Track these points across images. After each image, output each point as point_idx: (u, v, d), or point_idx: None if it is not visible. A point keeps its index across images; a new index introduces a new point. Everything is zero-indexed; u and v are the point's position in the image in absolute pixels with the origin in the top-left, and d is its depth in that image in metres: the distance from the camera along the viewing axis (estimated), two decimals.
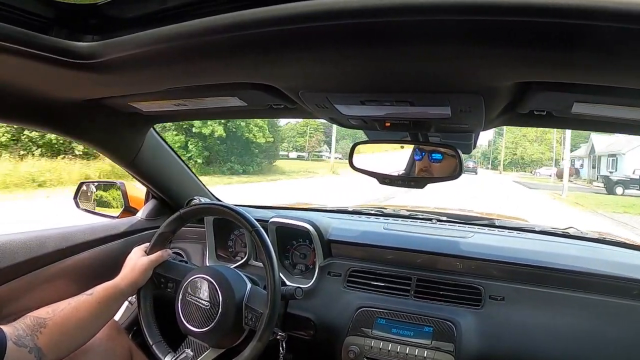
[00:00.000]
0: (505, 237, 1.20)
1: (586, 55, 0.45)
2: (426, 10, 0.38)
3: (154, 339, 1.00)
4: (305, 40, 0.47)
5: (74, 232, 1.14)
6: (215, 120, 14.53)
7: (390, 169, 0.94)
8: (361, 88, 0.67)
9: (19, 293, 0.98)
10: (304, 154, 31.95)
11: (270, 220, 1.23)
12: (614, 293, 0.95)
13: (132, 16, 0.52)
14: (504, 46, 0.44)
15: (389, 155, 0.96)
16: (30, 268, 1.00)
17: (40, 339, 0.78)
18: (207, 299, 0.95)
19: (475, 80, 0.58)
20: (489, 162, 49.79)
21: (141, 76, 0.69)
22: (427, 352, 0.97)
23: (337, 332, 1.07)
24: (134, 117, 1.03)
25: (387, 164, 0.95)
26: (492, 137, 49.07)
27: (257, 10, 0.43)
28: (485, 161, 50.82)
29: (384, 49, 0.49)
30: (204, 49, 0.52)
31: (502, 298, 1.02)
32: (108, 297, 0.91)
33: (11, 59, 0.57)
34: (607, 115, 0.70)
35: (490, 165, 49.04)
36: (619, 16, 0.35)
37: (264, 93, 0.73)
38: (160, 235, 1.05)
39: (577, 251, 1.09)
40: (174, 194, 1.36)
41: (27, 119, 0.90)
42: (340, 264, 1.17)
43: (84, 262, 1.14)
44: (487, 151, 51.41)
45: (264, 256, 0.94)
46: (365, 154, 0.96)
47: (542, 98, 0.65)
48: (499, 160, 43.11)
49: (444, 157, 0.91)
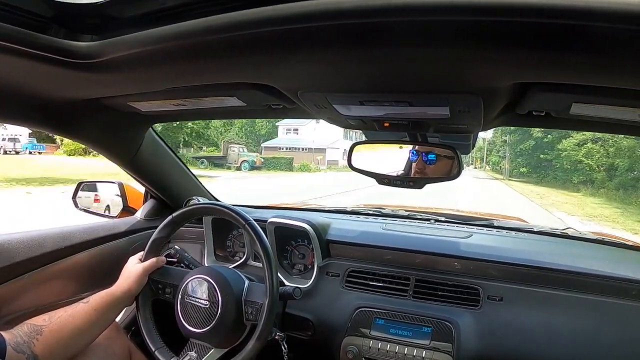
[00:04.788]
0: (503, 238, 1.20)
1: (585, 56, 0.45)
2: (425, 11, 0.38)
3: (156, 345, 0.99)
4: (304, 40, 0.47)
5: (73, 232, 1.14)
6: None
7: (389, 169, 0.94)
8: (360, 88, 0.67)
9: (19, 292, 0.98)
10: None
11: (268, 220, 1.23)
12: (612, 293, 0.95)
13: (131, 16, 0.52)
14: (503, 47, 0.44)
15: (388, 156, 0.96)
16: (30, 267, 1.00)
17: (37, 346, 0.78)
18: (207, 298, 0.95)
19: (474, 81, 0.58)
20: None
21: (140, 76, 0.69)
22: (426, 352, 0.97)
23: (335, 333, 1.07)
24: (132, 117, 1.03)
25: (386, 164, 0.95)
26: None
27: (256, 10, 0.43)
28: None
29: (383, 50, 0.49)
30: (202, 48, 0.52)
31: (501, 298, 1.02)
32: (104, 305, 0.91)
33: (10, 59, 0.57)
34: (605, 116, 0.70)
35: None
36: (617, 17, 0.35)
37: (263, 93, 0.73)
38: (153, 241, 1.05)
39: (575, 251, 1.10)
40: (173, 194, 1.36)
41: (27, 118, 0.90)
42: (338, 264, 1.17)
43: (82, 262, 1.14)
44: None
45: (259, 249, 0.94)
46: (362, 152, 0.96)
47: (541, 99, 0.65)
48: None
49: (438, 158, 0.91)
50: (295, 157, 28.52)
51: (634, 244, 1.19)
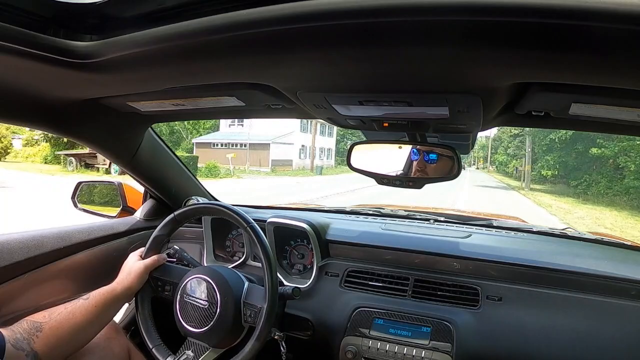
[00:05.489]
0: (502, 238, 1.21)
1: (584, 56, 0.45)
2: (424, 11, 0.38)
3: (154, 342, 0.99)
4: (303, 40, 0.47)
5: (72, 232, 1.14)
6: None
7: (388, 169, 0.94)
8: (359, 88, 0.67)
9: (18, 292, 0.98)
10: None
11: (268, 220, 1.23)
12: (611, 293, 0.95)
13: (131, 16, 0.52)
14: (502, 47, 0.44)
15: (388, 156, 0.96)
16: (28, 267, 1.00)
17: (37, 343, 0.78)
18: (205, 298, 0.95)
19: (474, 81, 0.58)
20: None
21: (139, 76, 0.69)
22: (425, 352, 0.97)
23: (334, 332, 1.07)
24: (132, 117, 1.03)
25: (385, 164, 0.95)
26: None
27: (255, 10, 0.43)
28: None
29: (382, 50, 0.49)
30: (202, 48, 0.52)
31: (500, 298, 1.02)
32: (104, 302, 0.91)
33: (9, 59, 0.57)
34: (605, 116, 0.70)
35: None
36: (617, 17, 0.35)
37: (262, 93, 0.73)
38: (155, 238, 1.05)
39: (575, 251, 1.10)
40: (172, 194, 1.36)
41: (26, 118, 0.90)
42: (338, 264, 1.17)
43: (82, 262, 1.14)
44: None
45: (260, 252, 0.94)
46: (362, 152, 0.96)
47: (540, 99, 0.65)
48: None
49: (439, 157, 0.91)
50: (239, 155, 22.25)
51: (633, 244, 1.20)
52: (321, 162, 28.45)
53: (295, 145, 25.36)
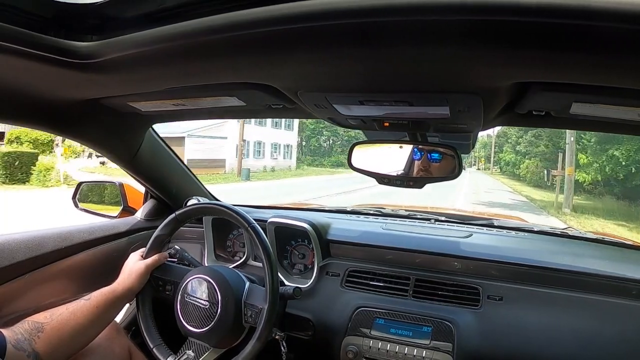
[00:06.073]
0: (503, 237, 1.20)
1: (585, 56, 0.45)
2: (424, 11, 0.38)
3: (154, 342, 0.99)
4: (303, 40, 0.47)
5: (73, 232, 1.14)
6: None
7: (389, 169, 0.94)
8: (360, 88, 0.67)
9: (19, 292, 0.98)
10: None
11: (268, 220, 1.23)
12: (612, 293, 0.95)
13: (131, 16, 0.52)
14: (502, 47, 0.44)
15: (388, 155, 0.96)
16: (30, 268, 1.00)
17: (38, 344, 0.78)
18: (206, 298, 0.95)
19: (474, 81, 0.58)
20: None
21: (140, 76, 0.69)
22: (426, 352, 0.97)
23: (335, 332, 1.07)
24: (132, 117, 1.03)
25: (386, 163, 0.95)
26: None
27: (255, 10, 0.43)
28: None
29: (382, 50, 0.49)
30: (202, 49, 0.52)
31: (501, 298, 1.02)
32: (105, 302, 0.91)
33: (10, 59, 0.57)
34: (605, 116, 0.70)
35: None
36: (618, 17, 0.35)
37: (263, 93, 0.73)
38: (156, 238, 1.05)
39: (576, 251, 1.09)
40: (173, 194, 1.36)
41: (26, 118, 0.90)
42: (339, 264, 1.17)
43: (83, 262, 1.14)
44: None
45: (261, 252, 0.94)
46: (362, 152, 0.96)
47: (541, 98, 0.65)
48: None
49: (443, 156, 0.91)
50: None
51: (634, 244, 1.19)
52: (274, 162, 24.05)
53: (229, 140, 18.70)
